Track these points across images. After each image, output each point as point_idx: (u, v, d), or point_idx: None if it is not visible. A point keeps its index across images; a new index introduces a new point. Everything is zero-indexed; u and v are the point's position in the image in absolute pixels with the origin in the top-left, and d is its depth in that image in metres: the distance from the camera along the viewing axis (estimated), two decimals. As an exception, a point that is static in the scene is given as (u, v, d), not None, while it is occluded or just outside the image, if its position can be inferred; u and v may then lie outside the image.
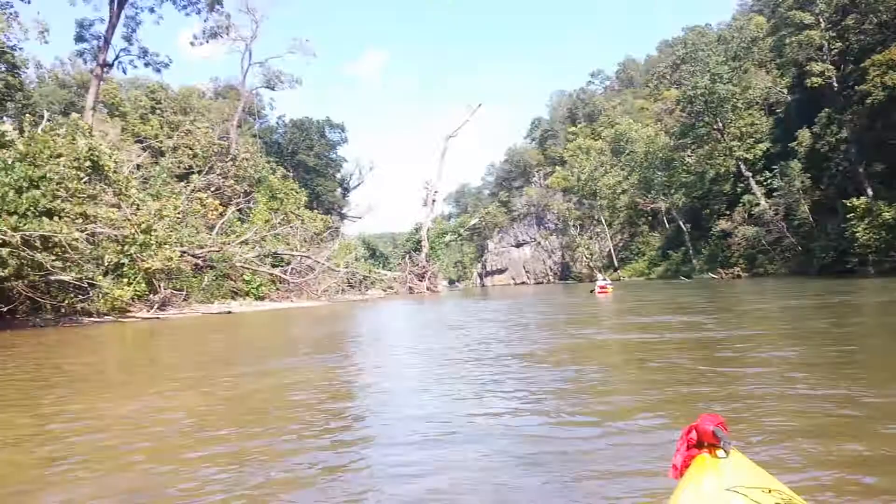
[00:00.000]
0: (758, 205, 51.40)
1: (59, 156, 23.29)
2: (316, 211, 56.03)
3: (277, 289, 35.57)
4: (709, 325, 12.24)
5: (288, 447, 4.47)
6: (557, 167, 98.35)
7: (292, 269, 36.80)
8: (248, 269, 33.75)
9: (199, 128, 47.07)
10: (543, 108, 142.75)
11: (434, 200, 61.41)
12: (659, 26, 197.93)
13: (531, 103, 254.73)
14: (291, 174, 62.77)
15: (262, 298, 33.33)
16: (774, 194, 49.21)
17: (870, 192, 37.90)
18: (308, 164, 76.26)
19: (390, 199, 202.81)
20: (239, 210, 42.22)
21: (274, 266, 36.27)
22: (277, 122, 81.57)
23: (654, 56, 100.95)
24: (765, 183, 51.10)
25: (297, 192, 51.76)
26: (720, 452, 1.62)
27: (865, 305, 16.16)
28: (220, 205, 40.54)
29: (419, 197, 72.51)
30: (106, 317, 22.25)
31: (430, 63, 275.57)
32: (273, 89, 63.01)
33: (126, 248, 23.45)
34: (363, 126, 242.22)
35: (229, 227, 37.89)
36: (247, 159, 48.45)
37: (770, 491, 1.49)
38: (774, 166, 49.28)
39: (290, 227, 41.40)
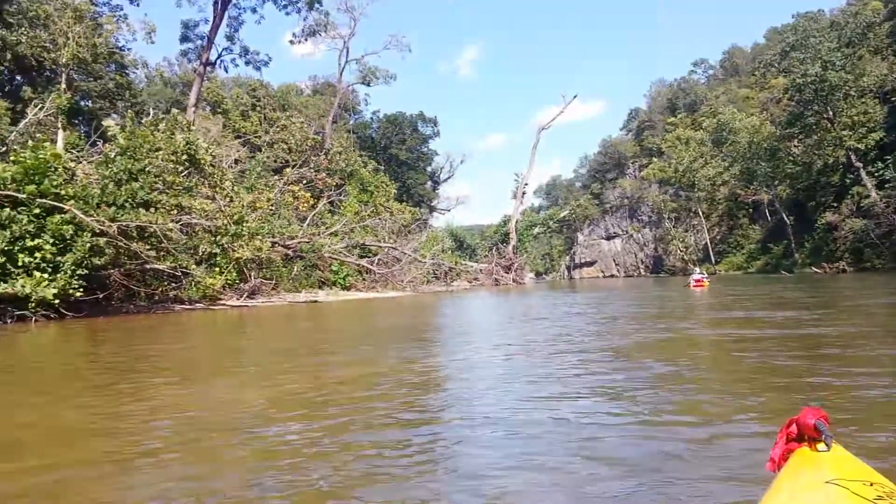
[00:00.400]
0: (867, 197, 48.15)
1: (158, 150, 24.40)
2: (405, 203, 56.68)
3: (364, 279, 36.16)
4: (811, 321, 11.44)
5: (360, 438, 4.38)
6: (654, 158, 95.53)
7: (379, 260, 37.31)
8: (336, 259, 34.46)
9: (294, 123, 48.44)
10: (641, 99, 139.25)
11: (524, 192, 61.06)
12: (768, 12, 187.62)
13: (628, 95, 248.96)
14: (383, 168, 63.72)
15: (348, 288, 33.96)
16: (886, 186, 46.01)
17: None
18: (400, 157, 77.22)
19: (482, 192, 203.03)
20: (330, 202, 43.19)
21: (361, 257, 36.91)
22: (372, 118, 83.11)
23: (762, 44, 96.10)
24: (876, 174, 47.75)
25: (387, 185, 52.50)
26: (821, 446, 1.57)
27: None
28: (312, 197, 41.62)
29: (510, 189, 71.98)
30: (197, 304, 23.20)
31: (526, 55, 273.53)
32: (368, 85, 64.23)
33: (219, 238, 24.35)
34: (456, 119, 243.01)
35: (320, 218, 38.83)
36: (339, 153, 49.52)
37: (872, 484, 1.42)
38: (888, 157, 46.04)
39: (379, 218, 42.00)
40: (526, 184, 60.78)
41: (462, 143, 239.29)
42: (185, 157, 25.41)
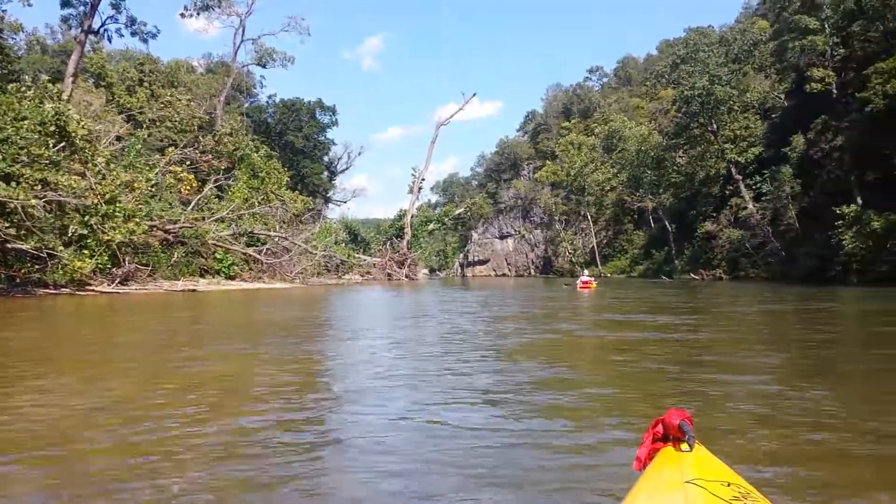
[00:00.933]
0: (745, 208, 51.11)
1: (24, 119, 22.42)
2: (298, 192, 55.22)
3: (250, 269, 34.74)
4: (686, 326, 12.05)
5: (238, 439, 4.03)
6: (548, 161, 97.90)
7: (267, 249, 35.99)
8: (221, 246, 32.92)
9: (179, 100, 46.00)
10: (538, 102, 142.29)
11: (420, 188, 60.71)
12: (661, 25, 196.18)
13: (527, 96, 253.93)
14: (277, 154, 61.65)
15: (232, 278, 32.53)
16: (763, 199, 48.90)
17: (860, 200, 37.38)
18: (296, 145, 75.13)
19: (379, 185, 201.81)
20: (218, 187, 41.22)
21: (248, 245, 35.45)
22: (267, 102, 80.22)
23: (654, 55, 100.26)
24: (754, 187, 50.68)
25: (279, 172, 50.74)
26: (684, 447, 1.61)
27: (843, 314, 15.96)
28: (197, 180, 39.61)
29: (407, 183, 71.75)
30: (63, 289, 21.50)
31: (427, 52, 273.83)
32: (264, 67, 62.05)
33: (88, 218, 22.65)
34: (356, 109, 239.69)
35: (206, 203, 36.94)
36: (229, 135, 47.42)
37: (729, 484, 1.47)
38: (765, 171, 48.86)
39: (270, 206, 40.49)
40: (423, 179, 60.55)
41: (361, 134, 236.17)
42: (53, 128, 23.45)
